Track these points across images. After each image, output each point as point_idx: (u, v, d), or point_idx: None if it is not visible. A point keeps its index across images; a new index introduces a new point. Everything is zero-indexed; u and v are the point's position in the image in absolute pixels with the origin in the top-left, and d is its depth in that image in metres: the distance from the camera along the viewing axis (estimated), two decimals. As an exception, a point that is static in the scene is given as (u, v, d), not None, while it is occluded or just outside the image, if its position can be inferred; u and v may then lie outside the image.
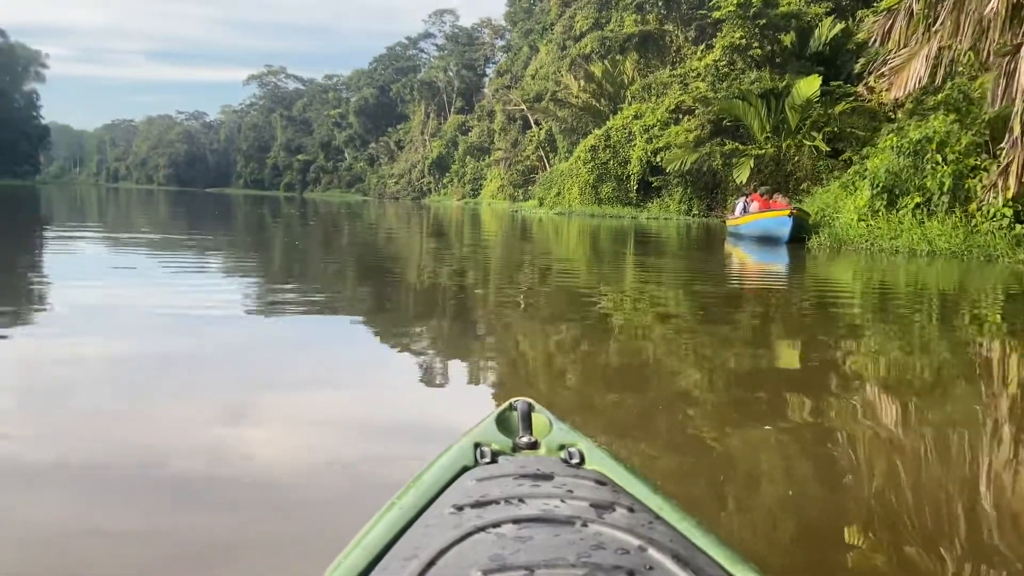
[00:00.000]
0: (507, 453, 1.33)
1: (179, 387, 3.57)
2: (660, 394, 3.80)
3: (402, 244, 16.03)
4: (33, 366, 3.90)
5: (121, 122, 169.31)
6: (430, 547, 0.93)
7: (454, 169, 69.45)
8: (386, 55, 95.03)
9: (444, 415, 3.32)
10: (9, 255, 9.92)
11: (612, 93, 37.67)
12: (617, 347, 5.02)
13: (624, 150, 31.12)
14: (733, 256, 13.77)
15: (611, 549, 0.91)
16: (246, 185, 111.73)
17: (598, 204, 31.52)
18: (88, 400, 3.35)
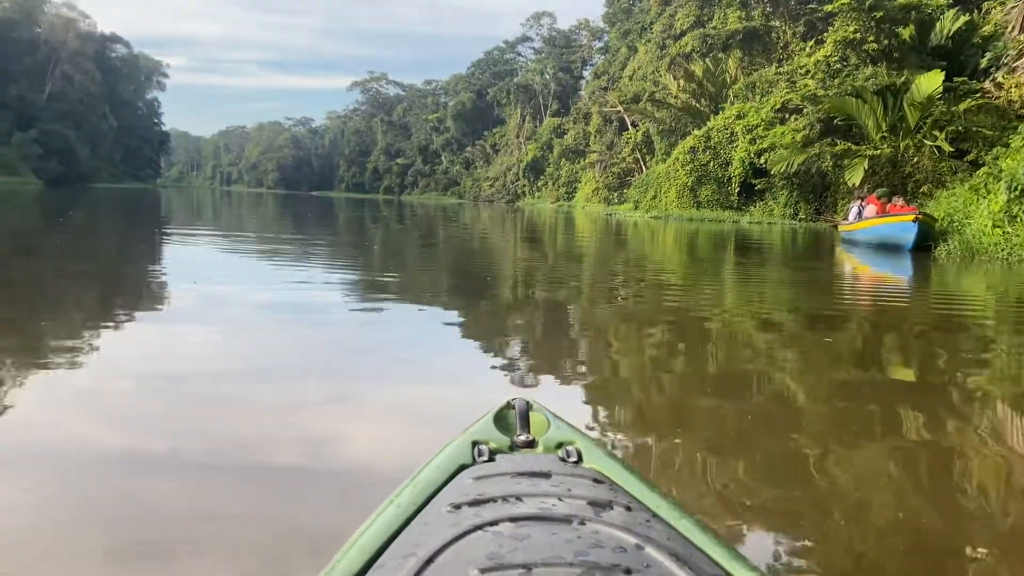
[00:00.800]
0: (505, 451, 1.31)
1: (279, 378, 3.81)
2: (760, 415, 3.50)
3: (495, 247, 15.76)
4: (151, 355, 4.22)
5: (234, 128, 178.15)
6: (428, 545, 0.93)
7: (549, 172, 69.14)
8: (484, 59, 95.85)
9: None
10: (132, 252, 10.88)
11: (713, 93, 36.38)
12: (715, 364, 4.66)
13: (725, 151, 29.91)
14: (847, 265, 12.75)
15: (608, 547, 0.92)
16: (348, 188, 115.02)
17: (696, 207, 30.41)
18: (197, 387, 3.59)
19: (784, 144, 24.67)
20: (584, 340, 5.38)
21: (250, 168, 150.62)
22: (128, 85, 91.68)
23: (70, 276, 7.77)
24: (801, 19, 32.20)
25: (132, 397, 3.46)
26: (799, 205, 26.11)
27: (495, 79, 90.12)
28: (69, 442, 2.84)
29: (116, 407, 3.30)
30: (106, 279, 7.89)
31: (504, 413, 1.47)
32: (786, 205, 26.53)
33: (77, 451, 2.74)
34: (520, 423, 1.40)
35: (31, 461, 2.62)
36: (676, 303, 7.49)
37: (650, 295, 8.09)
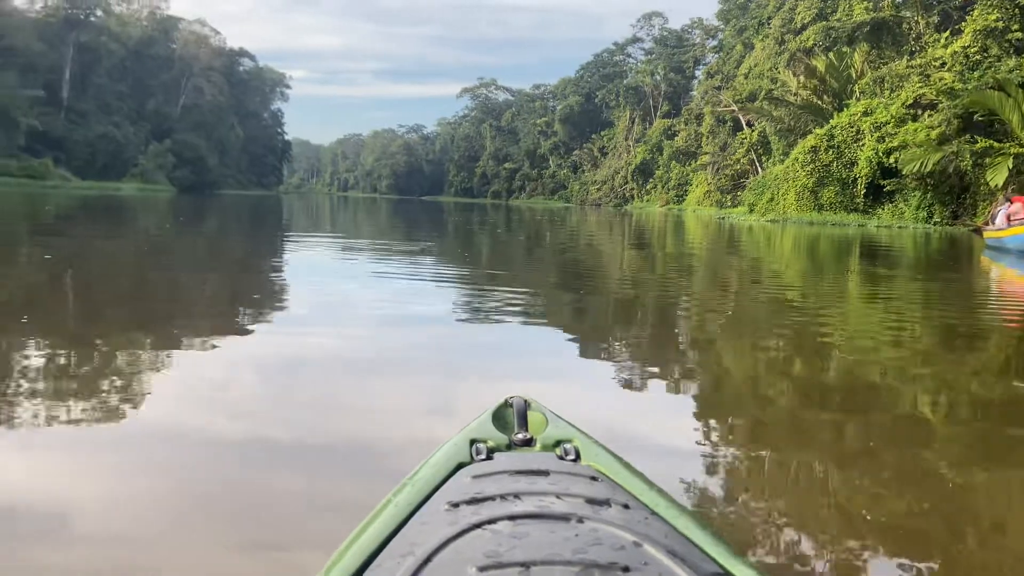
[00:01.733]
0: (503, 450, 1.31)
1: (388, 379, 3.88)
2: (885, 435, 3.23)
3: (600, 252, 15.25)
4: (269, 355, 4.35)
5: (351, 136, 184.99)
6: (426, 544, 0.93)
7: (658, 175, 67.75)
8: (592, 62, 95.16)
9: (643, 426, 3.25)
10: (254, 257, 11.51)
11: (836, 89, 34.35)
12: (835, 380, 4.25)
13: (850, 151, 28.14)
14: (994, 275, 11.48)
15: (607, 545, 0.92)
16: (456, 193, 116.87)
17: (817, 210, 28.73)
18: (311, 385, 3.70)
19: (917, 142, 22.88)
20: (692, 352, 5.07)
21: (365, 174, 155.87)
22: (254, 97, 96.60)
23: (197, 277, 8.29)
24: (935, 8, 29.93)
25: (248, 390, 3.64)
26: (933, 208, 24.17)
27: (604, 82, 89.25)
28: (191, 431, 2.98)
29: (233, 400, 3.46)
30: (228, 279, 8.32)
31: (502, 411, 1.46)
32: (919, 208, 24.62)
33: (198, 440, 2.86)
34: (518, 421, 1.40)
35: (156, 447, 2.76)
36: (794, 316, 6.79)
37: (765, 306, 7.45)
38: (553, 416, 1.45)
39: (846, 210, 28.02)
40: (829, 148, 28.94)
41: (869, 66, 33.32)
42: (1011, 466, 2.88)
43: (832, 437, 3.22)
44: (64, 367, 3.88)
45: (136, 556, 1.96)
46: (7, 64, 52.89)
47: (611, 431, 3.03)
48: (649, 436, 3.16)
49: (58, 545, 1.99)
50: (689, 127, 63.87)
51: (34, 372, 3.68)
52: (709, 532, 1.07)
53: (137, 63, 70.62)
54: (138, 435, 2.88)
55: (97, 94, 63.88)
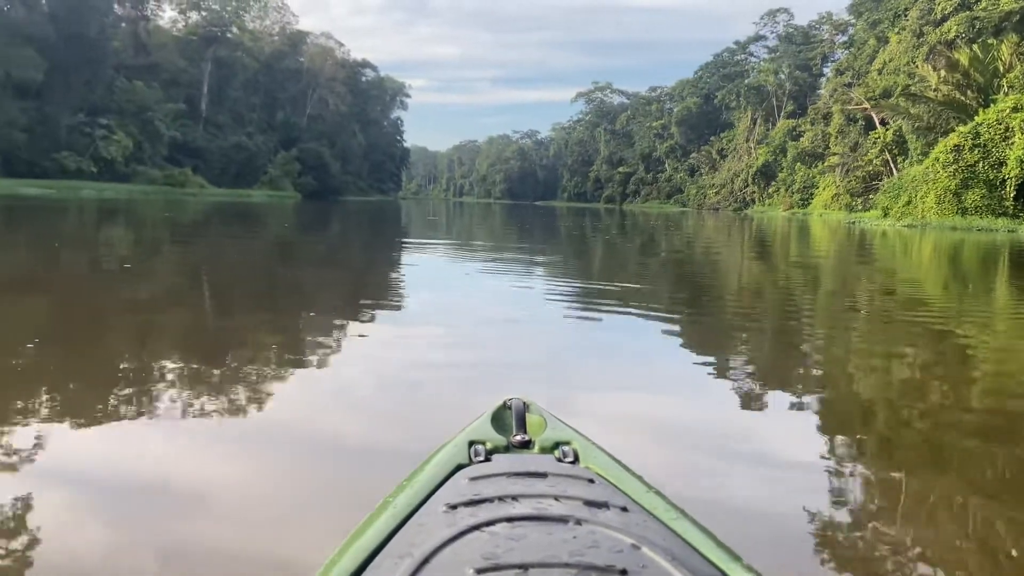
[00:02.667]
0: (501, 451, 1.32)
1: (498, 379, 3.97)
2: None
3: (718, 260, 14.42)
4: (385, 351, 4.61)
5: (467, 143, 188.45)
6: (424, 546, 0.93)
7: (781, 177, 64.90)
8: (712, 62, 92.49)
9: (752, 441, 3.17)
10: (376, 257, 12.41)
11: (982, 83, 31.53)
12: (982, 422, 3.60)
13: (998, 150, 25.69)
14: None
15: (605, 548, 0.92)
16: (570, 198, 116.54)
17: (961, 214, 26.38)
18: (419, 383, 3.83)
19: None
20: (816, 377, 4.52)
21: (480, 180, 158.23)
22: (375, 106, 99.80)
23: (321, 278, 8.90)
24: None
25: (364, 389, 3.78)
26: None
27: (724, 82, 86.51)
28: (310, 424, 3.13)
29: (347, 392, 3.66)
30: (349, 281, 8.79)
31: (501, 413, 1.45)
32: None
33: (315, 434, 3.00)
34: (517, 423, 1.39)
35: (278, 441, 2.91)
36: (936, 344, 5.78)
37: (901, 327, 6.52)
38: (552, 418, 1.44)
39: (993, 214, 25.55)
40: (975, 147, 26.49)
41: (1019, 59, 30.36)
42: None
43: (976, 467, 2.90)
44: (191, 362, 4.15)
45: (255, 537, 2.06)
46: (154, 80, 56.91)
47: (701, 447, 3.01)
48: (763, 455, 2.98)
49: (191, 525, 2.13)
50: (816, 127, 60.83)
51: (167, 370, 3.95)
52: (707, 535, 1.06)
53: (268, 76, 74.39)
54: (261, 423, 3.10)
55: (232, 106, 67.78)
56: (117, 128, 51.16)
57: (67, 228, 16.95)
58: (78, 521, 2.18)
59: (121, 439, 2.84)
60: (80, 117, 50.13)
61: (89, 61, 51.43)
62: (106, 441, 2.82)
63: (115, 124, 51.24)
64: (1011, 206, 25.15)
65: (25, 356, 4.18)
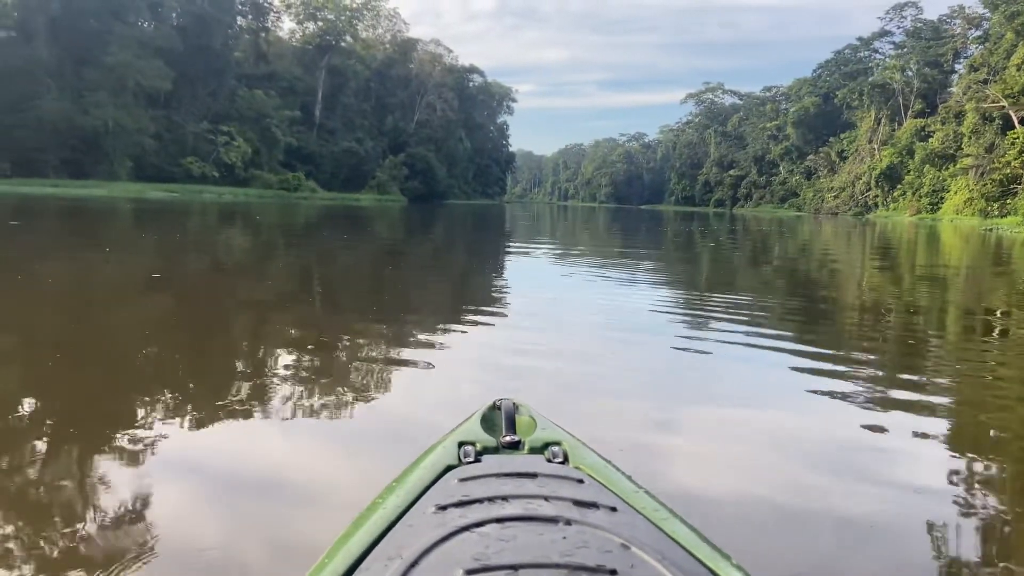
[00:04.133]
0: (491, 452, 1.32)
1: (590, 391, 3.91)
2: None
3: (834, 274, 13.19)
4: (489, 355, 4.75)
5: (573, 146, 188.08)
6: (413, 547, 0.93)
7: (908, 180, 60.96)
8: (832, 60, 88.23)
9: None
10: (480, 263, 12.93)
11: None
12: None
13: None
14: None
15: (594, 547, 0.92)
16: (677, 202, 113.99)
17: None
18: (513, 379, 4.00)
19: None
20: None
21: (585, 183, 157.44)
22: (482, 111, 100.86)
23: (421, 280, 9.31)
24: None
25: (460, 392, 3.84)
26: None
27: (845, 80, 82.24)
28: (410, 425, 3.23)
29: (450, 394, 3.76)
30: (447, 286, 8.89)
31: (491, 414, 1.45)
32: None
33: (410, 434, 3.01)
34: (506, 424, 1.39)
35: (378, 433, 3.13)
36: None
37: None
38: (542, 419, 1.42)
39: None
40: None
41: None
42: None
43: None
44: (302, 361, 4.31)
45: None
46: (272, 88, 59.35)
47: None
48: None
49: (303, 516, 2.21)
50: (947, 127, 56.85)
51: (276, 365, 4.19)
52: (696, 534, 1.06)
53: (378, 83, 76.32)
54: (365, 420, 3.26)
55: (344, 113, 69.84)
56: (237, 135, 53.60)
57: (191, 228, 17.73)
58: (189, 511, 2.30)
59: (231, 434, 2.99)
60: (204, 124, 52.84)
61: (214, 71, 54.22)
62: (216, 436, 2.96)
63: (236, 131, 53.69)
64: None
65: (146, 347, 4.62)
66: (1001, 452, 3.24)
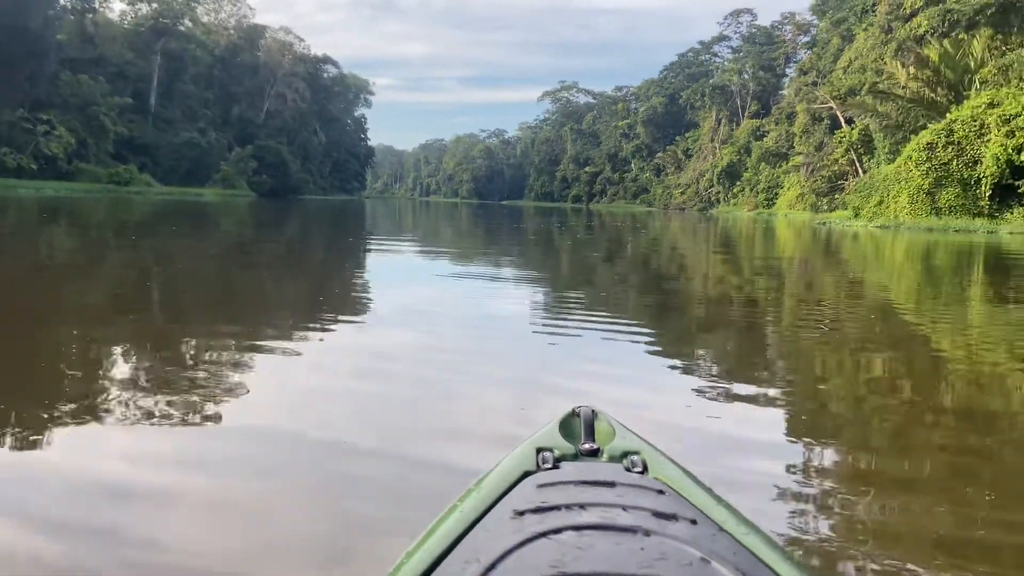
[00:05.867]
0: (569, 459, 1.31)
1: (467, 383, 3.97)
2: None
3: (683, 264, 13.41)
4: (350, 354, 4.58)
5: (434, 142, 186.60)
6: (490, 552, 0.93)
7: (746, 177, 64.52)
8: (677, 62, 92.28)
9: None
10: (332, 259, 12.10)
11: (952, 80, 30.88)
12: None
13: (973, 147, 24.94)
14: None
15: (673, 560, 0.91)
16: (536, 197, 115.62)
17: (935, 215, 25.56)
18: (392, 387, 3.78)
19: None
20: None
21: (447, 179, 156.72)
22: (338, 103, 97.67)
23: (266, 284, 8.50)
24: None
25: (327, 388, 3.76)
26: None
27: (688, 82, 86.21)
28: (276, 429, 3.08)
29: (313, 397, 3.58)
30: (298, 287, 8.29)
31: (569, 420, 1.44)
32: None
33: (282, 438, 2.98)
34: (585, 431, 1.38)
35: (242, 442, 2.91)
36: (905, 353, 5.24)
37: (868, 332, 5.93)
38: (620, 427, 1.42)
39: (969, 214, 24.79)
40: (948, 144, 25.72)
41: (991, 53, 29.77)
42: None
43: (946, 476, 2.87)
44: (154, 368, 4.02)
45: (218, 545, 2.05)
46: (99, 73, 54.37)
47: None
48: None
49: (152, 531, 2.11)
50: (780, 127, 60.55)
51: (126, 374, 3.87)
52: (778, 551, 1.04)
53: (223, 71, 72.07)
54: (226, 431, 3.01)
55: (183, 101, 65.26)
56: (60, 124, 48.68)
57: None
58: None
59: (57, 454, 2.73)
60: (20, 112, 47.53)
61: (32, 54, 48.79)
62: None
63: (57, 119, 48.75)
64: (986, 206, 24.39)
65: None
66: (831, 432, 3.42)
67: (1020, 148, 22.01)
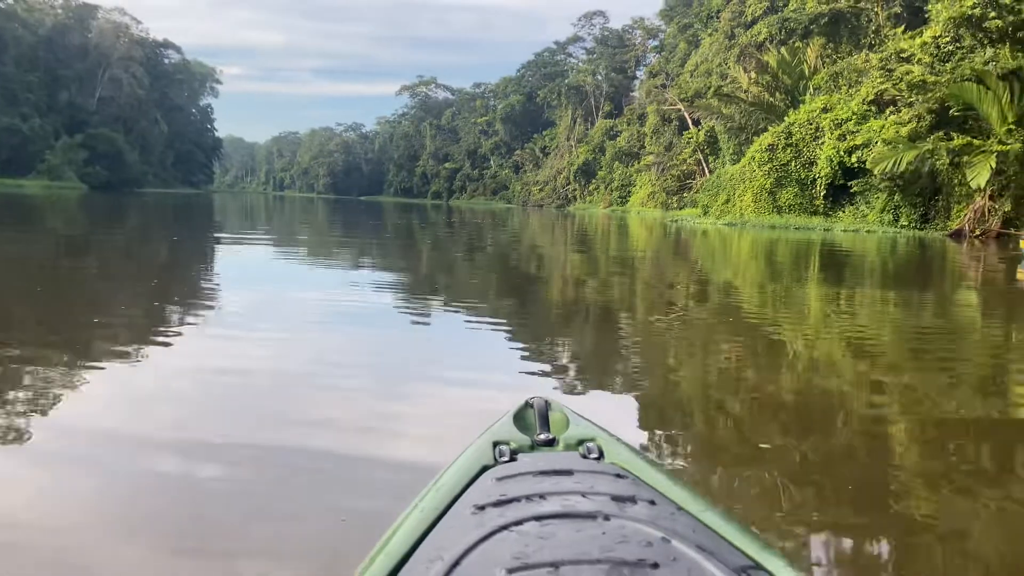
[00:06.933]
0: (526, 451, 1.31)
1: (329, 379, 3.87)
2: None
3: (541, 257, 13.24)
4: (203, 355, 4.34)
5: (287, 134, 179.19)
6: (454, 548, 0.94)
7: (601, 175, 66.23)
8: (534, 61, 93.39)
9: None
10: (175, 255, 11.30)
11: (789, 85, 32.83)
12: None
13: (809, 149, 26.53)
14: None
15: (634, 542, 0.92)
16: (396, 193, 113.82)
17: (778, 213, 26.99)
18: (249, 388, 3.67)
19: (886, 139, 21.22)
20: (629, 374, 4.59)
21: (302, 173, 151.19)
22: (181, 91, 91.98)
23: (113, 277, 8.31)
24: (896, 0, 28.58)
25: (185, 396, 3.56)
26: (900, 210, 22.63)
27: (545, 81, 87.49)
28: (123, 437, 2.92)
29: (171, 405, 3.38)
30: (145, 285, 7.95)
31: (524, 412, 1.44)
32: (883, 210, 23.09)
33: (131, 446, 2.82)
34: (540, 422, 1.38)
35: (87, 454, 2.75)
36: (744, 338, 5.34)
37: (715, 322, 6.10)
38: (575, 416, 1.42)
39: (807, 212, 26.38)
40: (787, 146, 27.27)
41: (823, 61, 31.91)
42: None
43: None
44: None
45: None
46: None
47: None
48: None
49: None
50: (632, 127, 62.50)
51: None
52: (736, 525, 1.06)
53: (49, 52, 65.71)
54: (68, 444, 2.86)
55: (3, 84, 58.85)
56: None
57: None
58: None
59: None
60: None
61: None
62: None
63: None
64: (822, 204, 26.03)
65: None
66: (679, 411, 3.66)
67: (851, 151, 23.59)
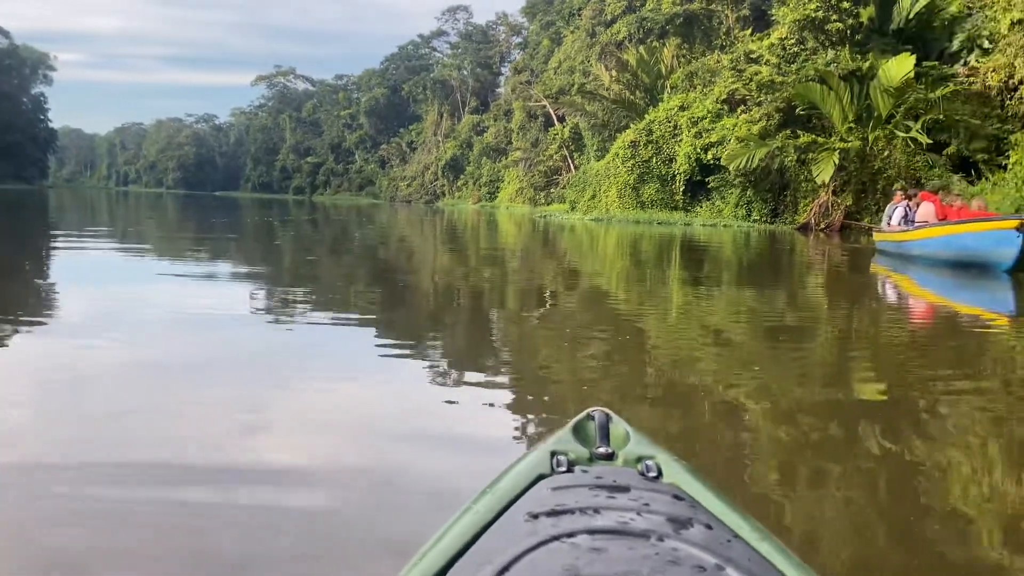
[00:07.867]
0: (584, 463, 1.30)
1: (187, 390, 3.65)
2: None
3: (410, 255, 12.79)
4: (46, 368, 4.02)
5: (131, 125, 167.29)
6: (504, 554, 0.93)
7: (469, 171, 66.06)
8: (398, 54, 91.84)
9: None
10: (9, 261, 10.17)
11: (648, 84, 33.76)
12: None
13: (668, 146, 27.28)
14: (899, 292, 9.59)
15: (687, 566, 0.91)
16: (254, 188, 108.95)
17: (641, 208, 27.61)
18: (99, 402, 3.41)
19: (739, 137, 22.10)
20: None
21: (149, 167, 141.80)
22: (10, 79, 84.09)
23: None
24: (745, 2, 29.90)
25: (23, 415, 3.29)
26: (752, 205, 23.69)
27: (410, 74, 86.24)
28: None
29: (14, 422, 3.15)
30: None
31: (583, 424, 1.44)
32: (738, 205, 24.09)
33: None
34: (600, 435, 1.38)
35: None
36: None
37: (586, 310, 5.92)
38: (634, 432, 1.41)
39: (668, 208, 27.14)
40: (648, 143, 27.95)
41: (679, 61, 33.01)
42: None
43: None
44: None
45: None
46: None
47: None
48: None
49: None
50: (499, 123, 62.68)
51: None
52: (793, 559, 1.04)
53: None
54: None
55: None
56: None
57: None
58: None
59: None
60: None
61: None
62: None
63: None
64: (681, 200, 26.87)
65: None
66: (552, 401, 3.68)
67: (707, 148, 24.44)
